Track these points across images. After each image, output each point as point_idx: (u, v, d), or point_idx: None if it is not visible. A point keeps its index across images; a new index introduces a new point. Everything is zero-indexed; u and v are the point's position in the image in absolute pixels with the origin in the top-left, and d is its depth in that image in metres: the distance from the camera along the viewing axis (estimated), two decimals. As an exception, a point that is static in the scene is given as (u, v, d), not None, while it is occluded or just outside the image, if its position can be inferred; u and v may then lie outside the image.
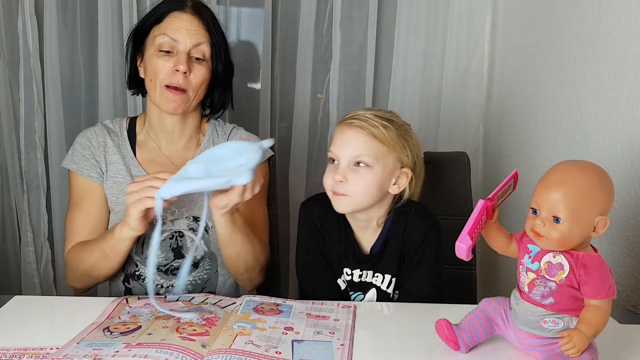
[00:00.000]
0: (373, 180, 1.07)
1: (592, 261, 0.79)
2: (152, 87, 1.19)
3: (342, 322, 0.98)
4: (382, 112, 1.11)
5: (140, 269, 1.24)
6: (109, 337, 0.90)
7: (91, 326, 0.94)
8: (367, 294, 1.16)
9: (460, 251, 0.81)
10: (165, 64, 1.17)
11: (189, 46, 1.18)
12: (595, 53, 1.34)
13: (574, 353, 0.78)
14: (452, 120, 2.00)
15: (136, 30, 1.25)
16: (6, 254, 2.08)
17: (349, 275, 1.16)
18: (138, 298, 1.07)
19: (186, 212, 1.24)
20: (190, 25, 1.19)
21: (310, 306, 1.04)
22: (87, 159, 1.24)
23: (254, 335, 0.91)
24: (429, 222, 1.14)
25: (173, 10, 1.20)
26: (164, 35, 1.18)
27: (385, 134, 1.06)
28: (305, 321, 0.97)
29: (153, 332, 0.91)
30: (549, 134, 1.56)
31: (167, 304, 1.04)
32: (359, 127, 1.07)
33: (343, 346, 0.89)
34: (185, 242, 1.24)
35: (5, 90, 1.95)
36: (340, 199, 1.08)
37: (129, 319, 0.97)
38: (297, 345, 0.88)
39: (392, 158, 1.08)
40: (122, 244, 1.11)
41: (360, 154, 1.06)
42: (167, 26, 1.19)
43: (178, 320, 0.95)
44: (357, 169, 1.07)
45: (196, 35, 1.19)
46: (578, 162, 0.83)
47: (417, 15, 1.96)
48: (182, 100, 1.19)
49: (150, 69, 1.19)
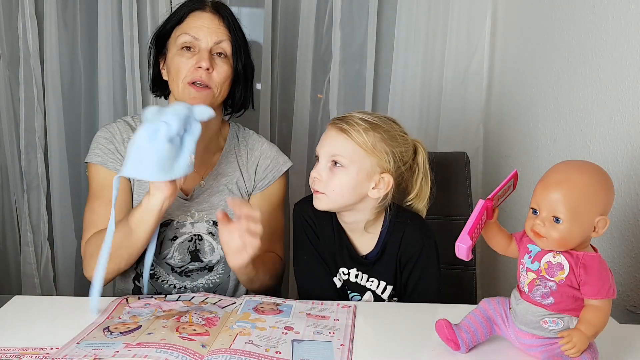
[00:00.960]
0: (347, 181, 1.08)
1: (592, 261, 0.79)
2: (175, 85, 1.20)
3: (342, 322, 0.98)
4: (373, 117, 1.11)
5: (156, 268, 1.24)
6: (109, 337, 0.90)
7: (91, 326, 0.94)
8: (364, 296, 1.17)
9: (460, 251, 0.81)
10: (187, 61, 1.18)
11: (210, 44, 1.19)
12: (595, 53, 1.34)
13: (574, 353, 0.78)
14: (452, 121, 2.00)
15: (157, 34, 1.27)
16: (6, 254, 2.08)
17: (346, 275, 1.17)
18: (138, 298, 1.07)
19: (206, 216, 1.25)
20: (211, 24, 1.20)
21: (311, 306, 1.04)
22: (113, 153, 1.24)
23: (254, 335, 0.91)
24: (424, 232, 1.15)
25: (193, 10, 1.22)
26: (186, 34, 1.20)
27: (364, 138, 1.07)
28: (305, 321, 0.97)
29: (153, 331, 0.91)
30: (549, 134, 1.56)
31: (167, 303, 1.04)
32: (340, 129, 1.09)
33: (343, 346, 0.89)
34: (203, 246, 1.25)
35: (5, 90, 1.95)
36: (317, 196, 1.11)
37: (129, 318, 0.97)
38: (297, 345, 0.89)
39: (371, 162, 1.09)
40: (149, 215, 1.09)
41: (336, 154, 1.09)
42: (188, 25, 1.21)
43: (178, 320, 0.95)
44: (333, 168, 1.09)
45: (217, 32, 1.20)
46: (578, 162, 0.83)
47: (417, 15, 1.96)
48: (207, 95, 1.20)
49: (173, 68, 1.20)
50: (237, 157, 1.32)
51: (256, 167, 1.31)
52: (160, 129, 0.98)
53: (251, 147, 1.33)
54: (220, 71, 1.20)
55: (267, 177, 1.32)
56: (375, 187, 1.10)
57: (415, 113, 2.00)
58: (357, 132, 1.08)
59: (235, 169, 1.30)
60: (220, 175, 1.29)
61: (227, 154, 1.31)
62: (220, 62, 1.21)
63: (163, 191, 1.05)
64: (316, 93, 2.04)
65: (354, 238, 1.18)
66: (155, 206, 1.07)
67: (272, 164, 1.32)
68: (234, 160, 1.31)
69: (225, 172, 1.29)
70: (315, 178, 1.10)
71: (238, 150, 1.33)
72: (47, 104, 1.97)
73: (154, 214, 1.08)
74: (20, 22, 1.90)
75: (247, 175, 1.31)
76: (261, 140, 1.36)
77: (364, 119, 1.10)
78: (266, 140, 1.37)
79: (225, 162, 1.30)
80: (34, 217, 2.02)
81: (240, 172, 1.30)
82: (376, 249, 1.16)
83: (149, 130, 0.98)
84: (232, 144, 1.33)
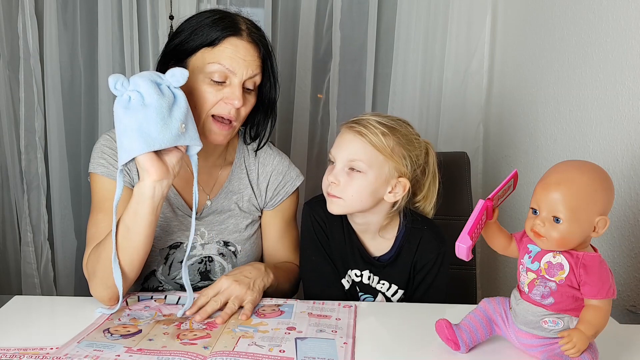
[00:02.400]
0: (365, 186, 1.06)
1: (592, 261, 0.79)
2: (196, 114, 1.09)
3: (344, 321, 0.98)
4: (388, 120, 1.09)
5: (165, 286, 1.19)
6: (109, 338, 0.90)
7: (91, 326, 0.94)
8: (376, 299, 1.17)
9: (460, 251, 0.81)
10: (216, 93, 1.09)
11: (245, 77, 1.10)
12: (595, 53, 1.34)
13: (574, 353, 0.78)
14: (452, 120, 2.00)
15: (176, 46, 1.14)
16: (6, 254, 2.08)
17: (359, 277, 1.16)
18: (138, 299, 1.06)
19: (216, 237, 1.20)
20: (248, 56, 1.10)
21: (312, 305, 1.04)
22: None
23: (256, 337, 0.91)
24: (441, 240, 1.15)
25: (229, 35, 1.10)
26: (219, 64, 1.09)
27: (384, 142, 1.05)
28: (307, 320, 0.97)
29: (154, 337, 0.90)
30: (549, 134, 1.56)
31: (167, 307, 1.03)
32: (358, 132, 1.06)
33: (346, 344, 0.89)
34: (213, 267, 1.20)
35: (5, 90, 1.95)
36: (332, 201, 1.09)
37: (129, 321, 0.97)
38: (300, 342, 0.89)
39: (389, 167, 1.07)
40: (143, 206, 1.00)
41: (355, 159, 1.06)
42: (223, 54, 1.09)
43: (178, 327, 0.94)
44: (351, 173, 1.07)
45: (252, 66, 1.11)
46: (578, 162, 0.83)
47: (417, 15, 1.96)
48: (229, 133, 1.14)
49: (196, 95, 1.10)
50: (248, 172, 1.25)
51: (268, 184, 1.25)
52: (132, 97, 0.95)
53: (262, 162, 1.26)
54: (248, 106, 1.14)
55: (280, 194, 1.26)
56: (391, 191, 1.09)
57: (415, 113, 2.00)
58: (375, 136, 1.05)
59: (247, 185, 1.24)
60: (231, 193, 1.23)
61: (237, 170, 1.24)
62: (250, 97, 1.14)
63: (151, 174, 0.97)
64: (316, 93, 2.05)
65: (365, 239, 1.17)
66: (146, 193, 0.99)
67: (284, 180, 1.26)
68: (245, 177, 1.25)
69: (236, 190, 1.24)
70: (333, 183, 1.07)
71: (248, 164, 1.26)
72: (47, 104, 1.97)
73: (147, 203, 0.99)
74: (20, 22, 1.90)
75: (259, 192, 1.26)
76: (273, 153, 1.28)
77: (381, 122, 1.07)
78: (278, 152, 1.30)
79: (235, 178, 1.24)
80: (34, 217, 2.02)
81: (252, 188, 1.25)
82: (391, 252, 1.15)
83: (122, 101, 0.96)
84: (242, 158, 1.26)
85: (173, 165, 1.00)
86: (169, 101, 0.96)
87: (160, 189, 1.00)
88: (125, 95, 0.96)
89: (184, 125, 0.98)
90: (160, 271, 1.18)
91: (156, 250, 1.15)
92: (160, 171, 0.98)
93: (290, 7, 1.99)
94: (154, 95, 0.95)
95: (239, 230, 1.21)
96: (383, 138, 1.05)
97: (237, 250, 1.21)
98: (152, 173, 0.97)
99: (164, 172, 0.99)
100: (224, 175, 1.24)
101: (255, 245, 1.25)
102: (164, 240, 1.16)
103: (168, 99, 0.96)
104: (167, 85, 0.98)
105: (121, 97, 0.96)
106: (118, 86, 0.95)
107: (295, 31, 1.98)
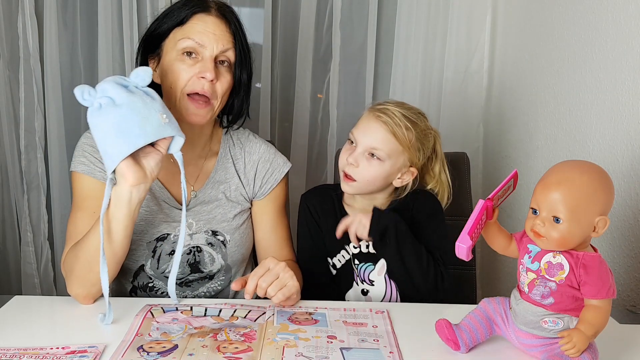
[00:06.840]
0: (380, 172, 1.14)
1: (592, 261, 0.79)
2: (173, 94, 1.11)
3: (381, 328, 0.97)
4: (411, 113, 1.15)
5: (155, 281, 1.19)
6: (146, 357, 0.86)
7: (122, 344, 0.89)
8: (377, 265, 1.19)
9: (460, 251, 0.81)
10: (188, 69, 1.09)
11: (216, 52, 1.10)
12: (595, 53, 1.34)
13: (574, 353, 0.78)
14: (452, 120, 2.00)
15: (151, 32, 1.16)
16: (6, 254, 2.08)
17: (356, 248, 1.20)
18: (163, 311, 1.02)
19: (204, 226, 1.19)
20: (217, 29, 1.11)
21: (343, 313, 1.03)
22: (100, 162, 1.13)
23: (300, 346, 0.90)
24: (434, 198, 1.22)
25: (197, 12, 1.11)
26: (189, 38, 1.09)
27: (406, 136, 1.13)
28: (345, 329, 0.96)
29: (193, 352, 0.87)
30: (549, 134, 1.56)
31: (196, 319, 1.00)
32: (384, 122, 1.13)
33: (392, 354, 0.88)
34: (203, 257, 1.19)
35: (5, 90, 1.95)
36: (347, 183, 1.16)
37: (160, 336, 0.93)
38: (346, 353, 0.88)
39: (405, 157, 1.15)
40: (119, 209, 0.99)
41: (377, 147, 1.13)
42: (192, 29, 1.10)
43: (214, 338, 0.92)
44: (370, 159, 1.14)
45: (223, 40, 1.11)
46: (578, 162, 0.83)
47: (417, 15, 1.96)
48: (207, 112, 1.13)
49: (170, 75, 1.11)
50: (234, 162, 1.25)
51: (255, 172, 1.25)
52: (102, 103, 0.94)
53: (248, 151, 1.26)
54: (224, 82, 1.13)
55: (269, 182, 1.26)
56: (400, 177, 1.17)
57: (415, 113, 2.00)
58: (399, 129, 1.12)
59: (233, 175, 1.24)
60: (218, 182, 1.23)
61: (222, 159, 1.24)
62: (224, 72, 1.13)
63: (127, 178, 0.96)
64: (316, 93, 2.05)
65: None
66: (123, 197, 0.98)
67: (272, 167, 1.26)
68: (231, 166, 1.24)
69: (223, 179, 1.23)
70: (352, 164, 1.14)
71: (234, 154, 1.26)
72: (47, 104, 1.97)
73: (124, 207, 0.99)
74: (20, 22, 1.90)
75: (246, 181, 1.25)
76: (258, 142, 1.28)
77: (405, 115, 1.14)
78: (263, 141, 1.30)
79: (221, 168, 1.24)
80: (34, 217, 2.02)
81: (239, 177, 1.24)
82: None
83: (93, 110, 0.96)
84: (227, 148, 1.26)
85: (152, 169, 0.99)
86: (141, 97, 0.96)
87: (137, 194, 0.99)
88: (96, 103, 0.95)
89: (164, 115, 0.97)
90: (149, 265, 1.17)
91: (143, 243, 1.15)
92: (137, 176, 0.97)
93: (290, 7, 1.99)
94: (124, 94, 0.94)
95: (227, 219, 1.20)
96: (406, 132, 1.13)
97: (225, 239, 1.21)
98: (129, 178, 0.97)
99: (141, 176, 0.98)
100: (210, 166, 1.24)
101: (246, 236, 1.25)
102: (150, 233, 1.16)
103: (139, 96, 0.96)
104: (135, 86, 0.98)
105: (92, 107, 0.96)
106: (86, 96, 0.95)
107: (295, 31, 1.98)
